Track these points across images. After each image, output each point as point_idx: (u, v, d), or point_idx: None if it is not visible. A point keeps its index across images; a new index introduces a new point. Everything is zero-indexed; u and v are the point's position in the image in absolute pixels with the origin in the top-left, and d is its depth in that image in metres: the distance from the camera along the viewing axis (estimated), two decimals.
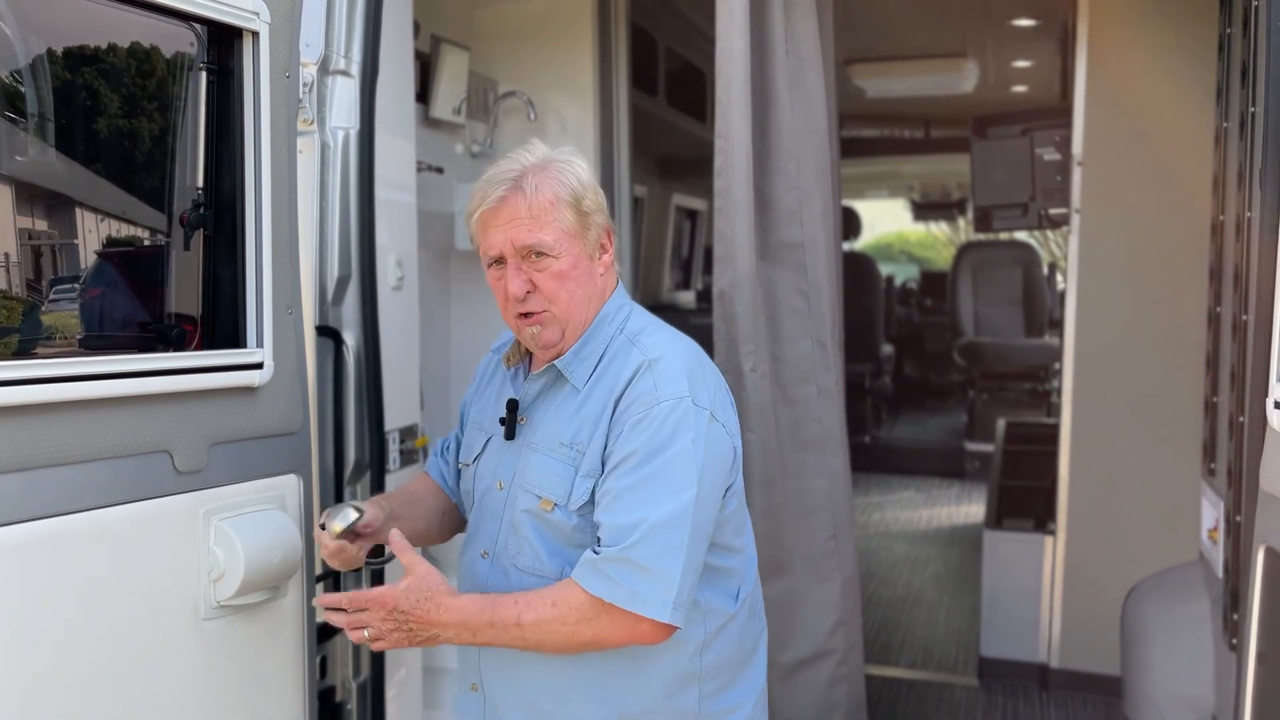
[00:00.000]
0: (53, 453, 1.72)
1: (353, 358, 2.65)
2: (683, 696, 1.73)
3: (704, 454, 1.63)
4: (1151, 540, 3.66)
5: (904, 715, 3.68)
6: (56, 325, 1.96)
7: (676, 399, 1.63)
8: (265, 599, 2.11)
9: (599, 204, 1.74)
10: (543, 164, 1.71)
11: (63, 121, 1.90)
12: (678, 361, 1.68)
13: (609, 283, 1.79)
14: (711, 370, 1.75)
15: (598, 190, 1.74)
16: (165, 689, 1.91)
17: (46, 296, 1.94)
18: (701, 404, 1.65)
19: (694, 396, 1.64)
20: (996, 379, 8.24)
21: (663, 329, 1.78)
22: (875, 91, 6.34)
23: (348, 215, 2.64)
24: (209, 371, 2.00)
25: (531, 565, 1.75)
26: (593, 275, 1.75)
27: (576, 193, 1.70)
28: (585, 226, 1.71)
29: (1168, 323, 3.63)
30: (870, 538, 6.08)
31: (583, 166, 1.73)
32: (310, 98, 2.57)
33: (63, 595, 1.72)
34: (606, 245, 1.76)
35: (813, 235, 2.99)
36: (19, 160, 1.87)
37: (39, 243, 1.95)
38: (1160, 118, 3.60)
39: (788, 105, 2.93)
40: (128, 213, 2.12)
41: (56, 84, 1.85)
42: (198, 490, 1.97)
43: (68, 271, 2.02)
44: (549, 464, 1.72)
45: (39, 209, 1.93)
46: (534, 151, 1.74)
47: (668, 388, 1.64)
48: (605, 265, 1.77)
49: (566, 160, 1.72)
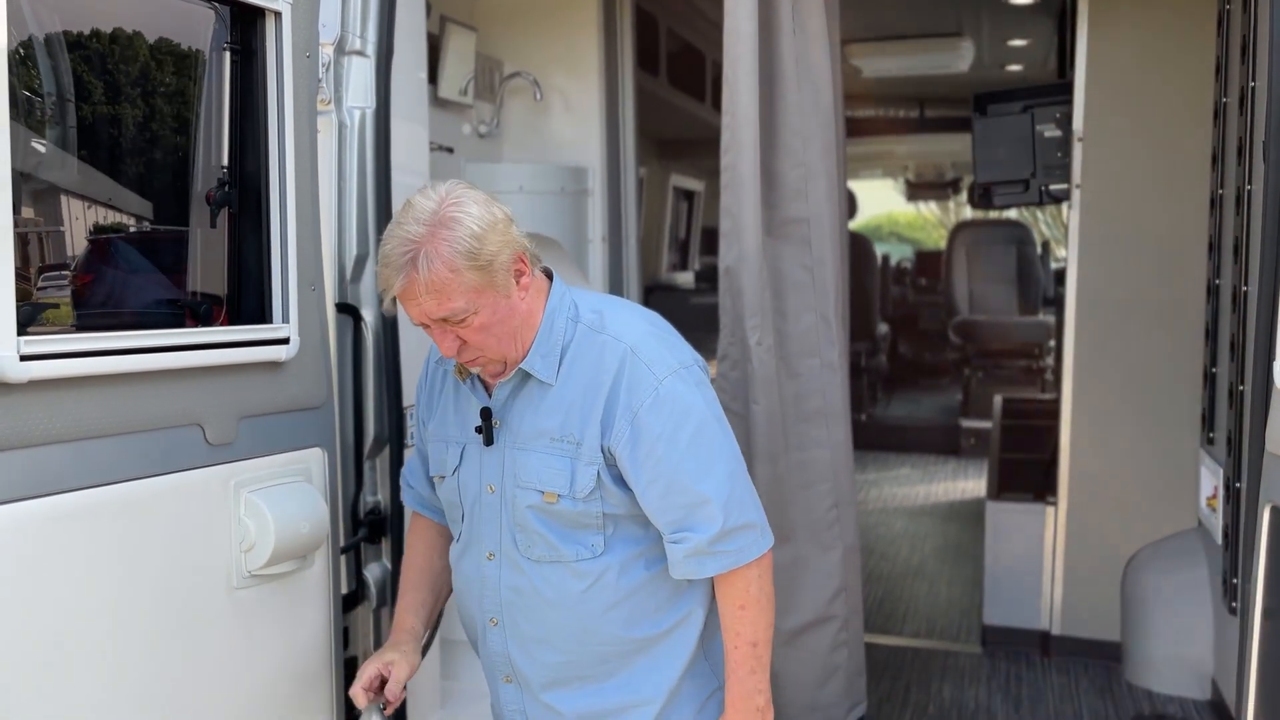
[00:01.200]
0: (91, 425, 1.75)
1: (371, 334, 2.69)
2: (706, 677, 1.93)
3: (713, 404, 1.80)
4: (1151, 509, 3.73)
5: (909, 681, 3.75)
6: (89, 302, 1.99)
7: (670, 371, 1.74)
8: (293, 569, 2.15)
9: (500, 242, 1.68)
10: (431, 231, 1.65)
11: (88, 102, 1.92)
12: (651, 338, 1.79)
13: (536, 294, 1.79)
14: (665, 324, 1.89)
15: (495, 227, 1.68)
16: (200, 656, 1.96)
17: (77, 274, 1.97)
18: (686, 362, 1.79)
19: (680, 362, 1.77)
20: (991, 356, 8.31)
21: (614, 306, 1.86)
22: (871, 71, 6.36)
23: (365, 194, 2.67)
24: (238, 346, 2.04)
25: (546, 554, 1.83)
26: (514, 310, 1.74)
27: (472, 250, 1.65)
28: (490, 276, 1.68)
29: (1166, 295, 3.68)
30: (869, 513, 6.15)
31: (471, 212, 1.66)
32: (327, 78, 2.60)
33: (102, 564, 1.76)
34: (522, 269, 1.74)
35: (818, 211, 3.03)
36: (47, 142, 1.90)
37: (68, 223, 1.98)
38: (1160, 93, 3.64)
39: (794, 83, 2.97)
40: (155, 192, 2.15)
41: (81, 65, 1.87)
42: (228, 463, 2.01)
43: (96, 250, 2.05)
44: (543, 459, 1.79)
45: (70, 190, 1.95)
46: (419, 218, 1.67)
47: (659, 366, 1.74)
48: (525, 288, 1.75)
49: (453, 216, 1.66)
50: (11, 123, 1.60)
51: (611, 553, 1.81)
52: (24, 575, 1.64)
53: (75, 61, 1.86)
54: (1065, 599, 3.88)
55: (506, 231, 1.71)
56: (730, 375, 3.06)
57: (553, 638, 1.87)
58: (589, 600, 1.83)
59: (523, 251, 1.75)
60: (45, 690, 1.68)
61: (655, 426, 1.73)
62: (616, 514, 1.80)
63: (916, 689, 3.68)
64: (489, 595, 1.92)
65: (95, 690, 1.76)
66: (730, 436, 1.82)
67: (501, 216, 1.71)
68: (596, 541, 1.80)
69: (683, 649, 1.87)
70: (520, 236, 1.75)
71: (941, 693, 3.66)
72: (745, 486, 1.81)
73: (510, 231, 1.72)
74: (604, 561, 1.81)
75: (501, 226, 1.70)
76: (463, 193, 1.70)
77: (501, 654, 1.95)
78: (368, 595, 2.74)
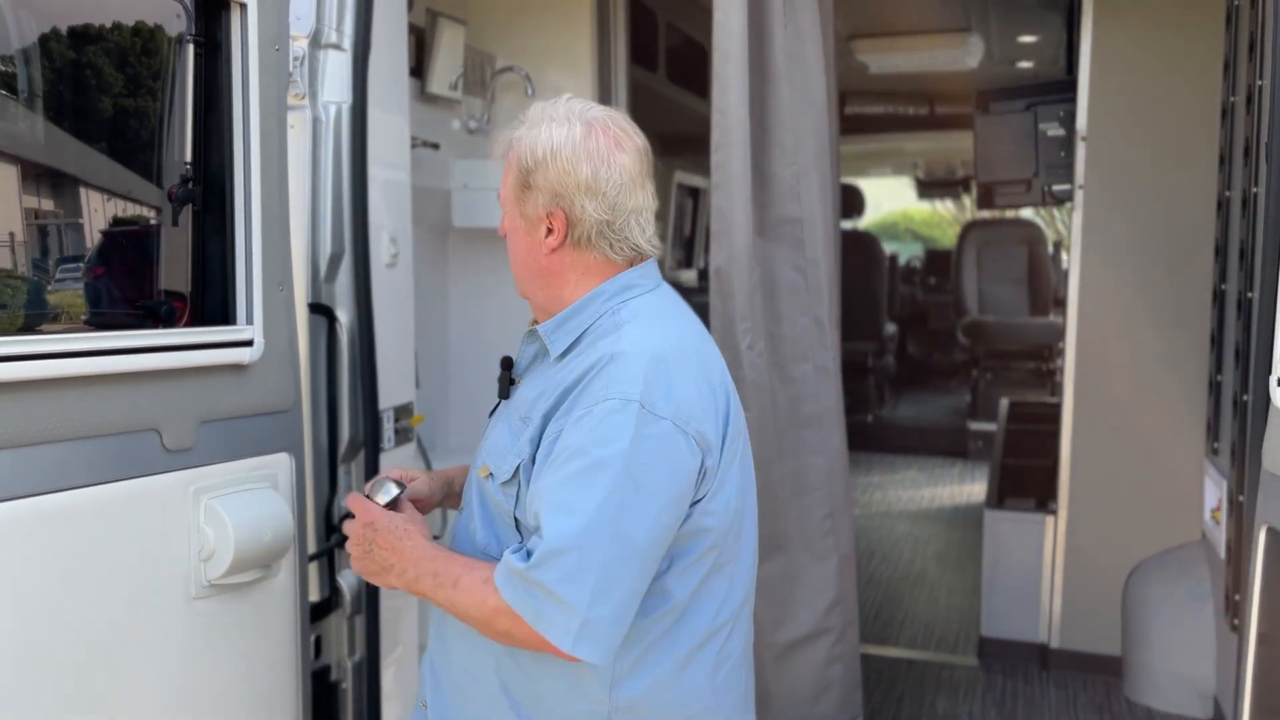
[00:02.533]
0: (38, 430, 1.70)
1: (346, 335, 2.63)
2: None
3: (644, 465, 1.45)
4: (1153, 520, 3.64)
5: (903, 694, 3.67)
6: (43, 302, 1.94)
7: (624, 400, 1.46)
8: (257, 578, 2.09)
9: (549, 184, 1.57)
10: (535, 122, 1.60)
11: (49, 95, 1.87)
12: (644, 359, 1.50)
13: (572, 265, 1.62)
14: (694, 375, 1.55)
15: (561, 169, 1.56)
16: (156, 668, 1.90)
17: (32, 272, 1.92)
18: (657, 410, 1.47)
19: (646, 400, 1.46)
20: (1000, 358, 8.21)
21: (659, 321, 1.59)
22: (878, 67, 6.28)
23: (340, 191, 2.61)
24: (197, 349, 1.98)
25: (472, 531, 1.68)
26: (532, 251, 1.63)
27: (526, 163, 1.58)
28: (523, 199, 1.60)
29: (1171, 300, 3.59)
30: (872, 517, 6.07)
31: (554, 135, 1.56)
32: (301, 72, 2.54)
33: (51, 573, 1.71)
34: (555, 228, 1.59)
35: (811, 211, 2.95)
36: (5, 135, 1.84)
37: (24, 219, 1.93)
38: (1166, 92, 3.55)
39: (786, 80, 2.89)
40: (115, 188, 2.10)
41: (42, 57, 1.82)
42: (187, 468, 1.96)
43: (54, 248, 1.99)
44: (502, 432, 1.65)
45: (25, 185, 1.90)
46: (548, 106, 1.62)
47: (619, 386, 1.48)
48: (549, 247, 1.60)
49: (550, 124, 1.58)
50: None
51: None
52: None
53: (35, 54, 1.80)
54: (1065, 611, 3.80)
55: (566, 185, 1.56)
56: None
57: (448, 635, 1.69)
58: None
59: (564, 215, 1.58)
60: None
61: (569, 439, 1.48)
62: (529, 528, 1.54)
63: (910, 702, 3.61)
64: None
65: (45, 705, 1.70)
66: (637, 512, 1.45)
67: (585, 175, 1.55)
68: (509, 541, 1.58)
69: None
70: (588, 210, 1.57)
71: (935, 706, 3.58)
72: (595, 567, 1.43)
73: (570, 190, 1.56)
74: None
75: (567, 180, 1.55)
76: (582, 120, 1.58)
77: (425, 676, 1.79)
78: (341, 603, 2.68)
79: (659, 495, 1.47)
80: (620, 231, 1.60)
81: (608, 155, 1.57)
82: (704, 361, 1.60)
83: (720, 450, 1.56)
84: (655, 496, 1.47)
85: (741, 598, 1.67)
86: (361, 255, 2.63)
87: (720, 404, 1.58)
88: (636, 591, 1.48)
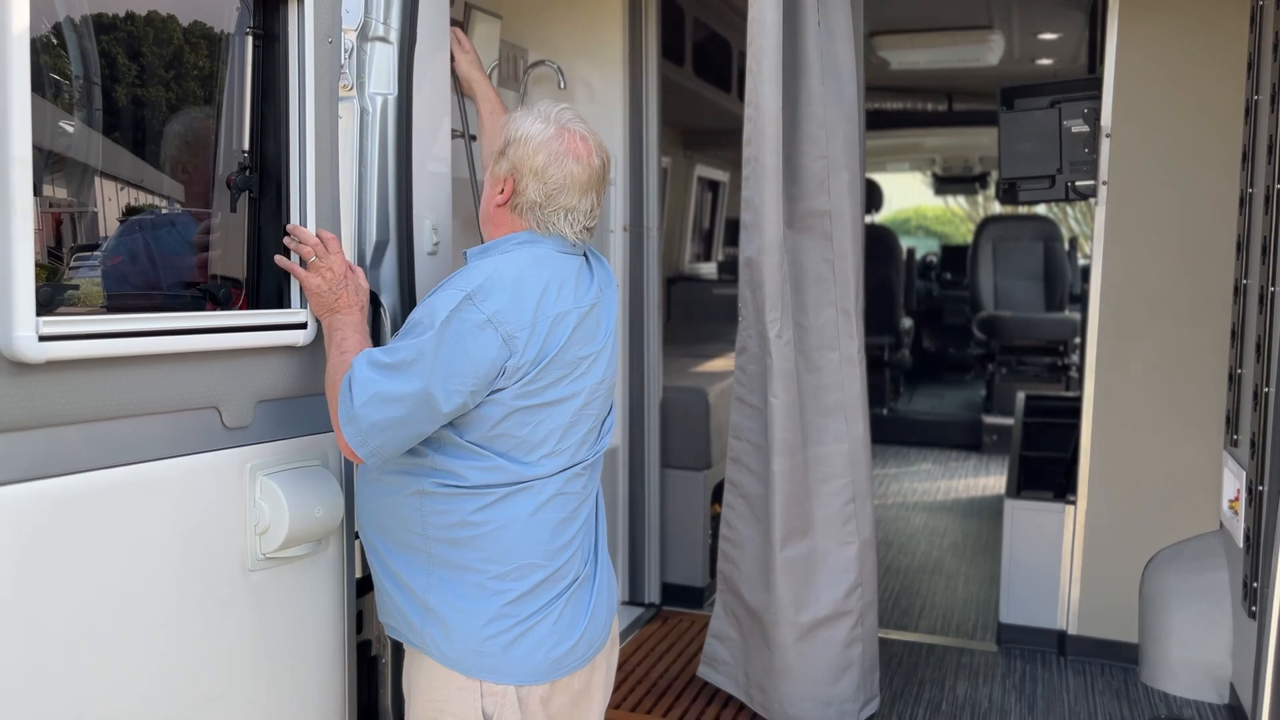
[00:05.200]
0: (108, 406, 1.77)
1: (390, 321, 2.69)
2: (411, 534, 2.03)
3: (450, 339, 1.86)
4: (1172, 510, 3.69)
5: (923, 678, 3.73)
6: (109, 284, 2.01)
7: (457, 290, 1.89)
8: (308, 553, 2.17)
9: (514, 161, 2.01)
10: (528, 110, 2.08)
11: (113, 86, 1.94)
12: (487, 272, 1.93)
13: (505, 220, 2.06)
14: (526, 297, 1.93)
15: (529, 150, 1.99)
16: (213, 637, 1.98)
17: (98, 257, 1.99)
18: (481, 306, 1.88)
19: (475, 295, 1.88)
20: (1015, 353, 8.23)
21: (525, 258, 2.00)
22: (899, 64, 6.30)
23: (386, 180, 2.67)
24: (255, 330, 2.05)
25: None
26: (489, 199, 2.08)
27: (508, 137, 2.03)
28: (498, 161, 2.04)
29: (1192, 295, 3.63)
30: (888, 508, 6.12)
31: (527, 124, 2.02)
32: (350, 64, 2.60)
33: (116, 544, 1.78)
34: (505, 190, 2.03)
35: (840, 205, 3.01)
36: (72, 124, 1.91)
37: (90, 205, 2.00)
38: (1191, 89, 3.58)
39: (818, 75, 2.95)
40: (178, 176, 2.17)
41: (106, 49, 1.89)
42: (244, 446, 2.03)
43: (118, 233, 2.06)
44: None
45: (93, 173, 1.97)
46: (542, 104, 2.09)
47: (459, 281, 1.92)
48: (497, 202, 2.04)
49: (531, 117, 2.04)
50: (36, 104, 1.61)
51: None
52: (39, 554, 1.66)
53: (100, 45, 1.87)
54: (1083, 599, 3.85)
55: (522, 164, 2.00)
56: (749, 369, 3.05)
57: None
58: None
59: (514, 183, 2.01)
60: (59, 669, 1.70)
61: (419, 309, 1.97)
62: None
63: (931, 686, 3.67)
64: None
65: (108, 669, 1.78)
66: (434, 370, 1.87)
67: (538, 164, 1.99)
68: None
69: None
70: (530, 188, 2.00)
71: (955, 690, 3.64)
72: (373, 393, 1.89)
73: (523, 168, 2.00)
74: None
75: (524, 161, 2.00)
76: (557, 124, 2.02)
77: None
78: None
79: (454, 365, 1.87)
80: (548, 217, 2.02)
81: (561, 158, 2.00)
82: (541, 296, 1.96)
83: (534, 365, 1.94)
84: (450, 364, 1.87)
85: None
86: (406, 243, 2.69)
87: (542, 330, 1.95)
88: (407, 420, 1.90)
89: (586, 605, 2.11)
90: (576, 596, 2.09)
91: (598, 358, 2.08)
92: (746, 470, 3.09)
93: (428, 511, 2.00)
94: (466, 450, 1.97)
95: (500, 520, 1.99)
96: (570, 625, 2.07)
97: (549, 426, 2.00)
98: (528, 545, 2.01)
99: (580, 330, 2.02)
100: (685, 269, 7.32)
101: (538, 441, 1.99)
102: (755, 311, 2.93)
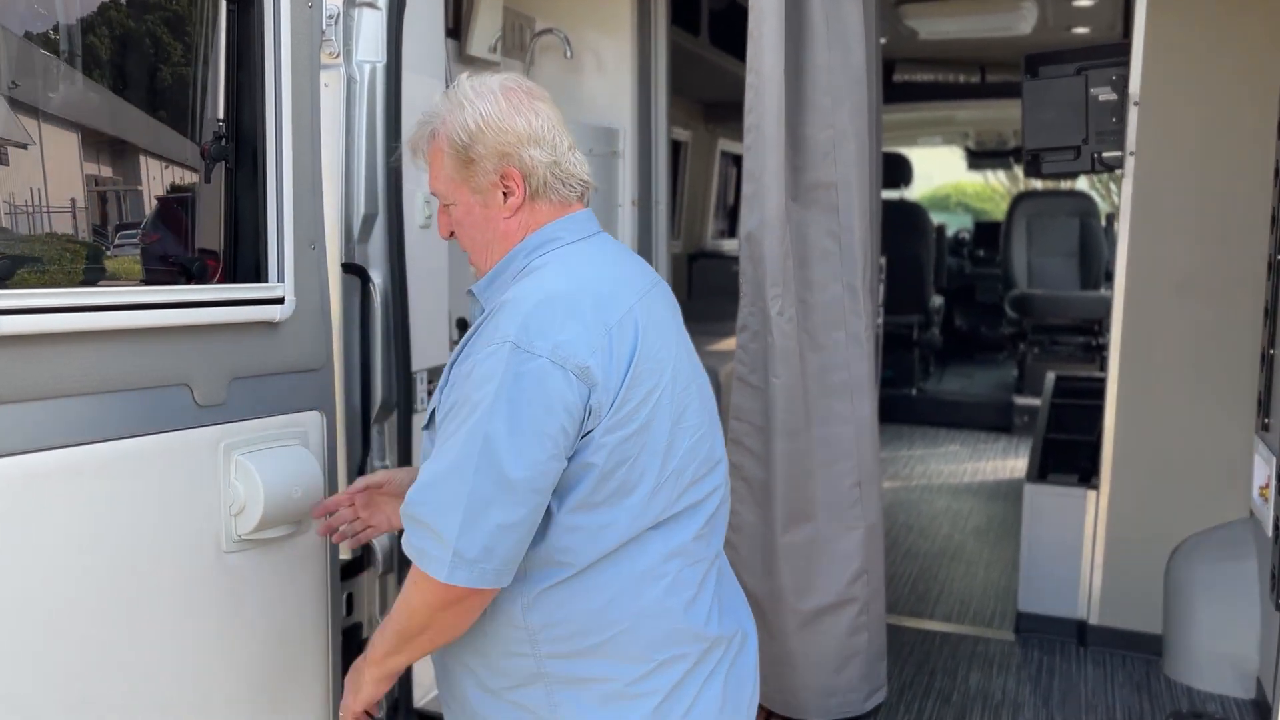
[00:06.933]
0: (71, 382, 1.72)
1: (379, 296, 2.63)
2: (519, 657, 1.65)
3: (515, 402, 1.49)
4: (1199, 496, 3.55)
5: (935, 667, 3.63)
6: (77, 256, 1.96)
7: (500, 343, 1.52)
8: (287, 534, 2.12)
9: (492, 148, 1.64)
10: (449, 109, 1.68)
11: (84, 52, 1.88)
12: (529, 302, 1.56)
13: (525, 222, 1.69)
14: (584, 314, 1.57)
15: (498, 131, 1.64)
16: (187, 620, 1.93)
17: (66, 227, 1.94)
18: (534, 349, 1.51)
19: (522, 340, 1.51)
20: (1048, 332, 8.05)
21: (563, 267, 1.65)
22: (928, 33, 6.13)
23: (374, 151, 2.60)
24: (229, 305, 1.99)
25: None
26: (489, 222, 1.69)
27: (460, 142, 1.65)
28: (469, 175, 1.67)
29: (1224, 272, 3.48)
30: (911, 490, 6.01)
31: (480, 108, 1.65)
32: (336, 30, 2.53)
33: (83, 525, 1.74)
34: (511, 188, 1.67)
35: (846, 176, 2.90)
36: (42, 92, 1.86)
37: (59, 175, 1.94)
38: (1224, 56, 3.42)
39: (824, 40, 2.83)
40: (149, 144, 2.11)
41: (77, 13, 1.83)
42: (218, 424, 1.97)
43: (87, 203, 2.01)
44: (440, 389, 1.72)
45: (60, 141, 1.92)
46: (455, 92, 1.70)
47: (498, 331, 1.54)
48: (511, 209, 1.67)
49: (466, 101, 1.66)
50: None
51: None
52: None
53: (71, 9, 1.81)
54: (1105, 588, 3.72)
55: (509, 143, 1.65)
56: (749, 347, 2.96)
57: None
58: None
59: (517, 170, 1.66)
60: (24, 656, 1.65)
61: (459, 390, 1.56)
62: None
63: (942, 676, 3.57)
64: None
65: (76, 656, 1.73)
66: (509, 447, 1.49)
67: (522, 128, 1.65)
68: None
69: None
70: (535, 157, 1.65)
71: (968, 680, 3.54)
72: (464, 495, 1.49)
73: (513, 145, 1.65)
74: None
75: (508, 137, 1.64)
76: (496, 86, 1.68)
77: None
78: (373, 561, 2.71)
79: (533, 428, 1.51)
80: (566, 169, 1.68)
81: (530, 105, 1.67)
82: (601, 302, 1.60)
83: (618, 389, 1.57)
84: (528, 430, 1.50)
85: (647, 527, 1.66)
86: (395, 216, 2.63)
87: (618, 344, 1.58)
88: (515, 522, 1.52)
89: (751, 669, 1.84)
90: (738, 661, 1.79)
91: (671, 343, 1.70)
92: (747, 452, 3.00)
93: (535, 628, 1.62)
94: (568, 524, 1.59)
95: (626, 616, 1.62)
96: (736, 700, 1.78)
97: (648, 455, 1.62)
98: (664, 631, 1.65)
99: (649, 314, 1.66)
100: (708, 245, 7.21)
101: (637, 478, 1.60)
102: (756, 287, 2.83)
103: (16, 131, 1.84)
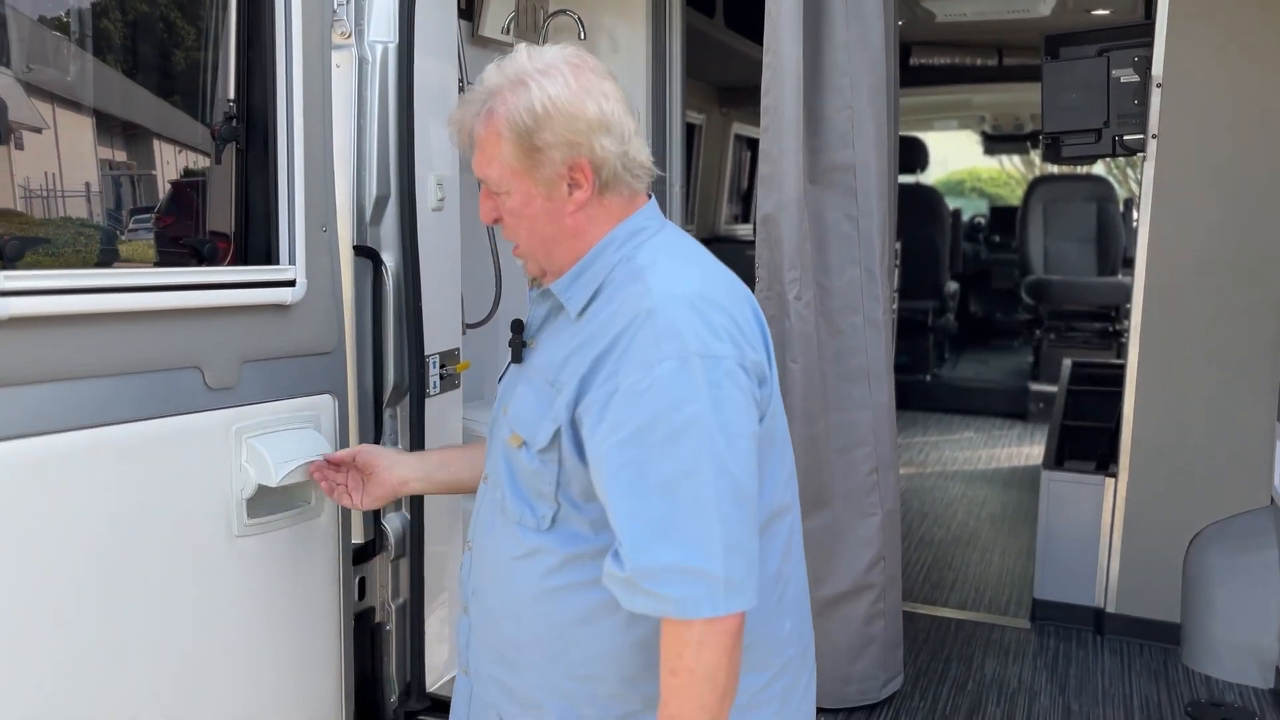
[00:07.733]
0: (82, 364, 1.71)
1: (391, 279, 2.61)
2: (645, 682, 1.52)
3: (726, 412, 1.40)
4: (1219, 484, 3.51)
5: (949, 655, 3.61)
6: (88, 238, 1.95)
7: (681, 358, 1.39)
8: (298, 519, 2.11)
9: (560, 137, 1.46)
10: (509, 86, 1.48)
11: (95, 35, 1.87)
12: (682, 306, 1.42)
13: (594, 217, 1.54)
14: (735, 307, 1.49)
15: (567, 118, 1.46)
16: (198, 603, 1.92)
17: (80, 210, 1.93)
18: (718, 354, 1.41)
19: (702, 349, 1.40)
20: (1064, 318, 7.98)
21: (680, 261, 1.53)
22: (945, 15, 6.05)
23: (386, 133, 2.58)
24: (239, 287, 1.98)
25: (503, 501, 1.59)
26: (553, 216, 1.52)
27: (524, 127, 1.46)
28: (533, 165, 1.48)
29: (1247, 256, 3.43)
30: (926, 477, 5.97)
31: (549, 89, 1.46)
32: (348, 10, 2.50)
33: (93, 507, 1.73)
34: (580, 181, 1.50)
35: (865, 158, 2.86)
36: (51, 74, 1.84)
37: (72, 158, 1.93)
38: (1250, 35, 3.35)
39: (842, 20, 2.79)
40: (160, 127, 2.09)
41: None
42: (229, 407, 1.96)
43: (99, 185, 2.00)
44: (530, 397, 1.55)
45: (73, 125, 1.91)
46: (510, 67, 1.50)
47: (669, 344, 1.39)
48: (578, 204, 1.51)
49: (531, 81, 1.47)
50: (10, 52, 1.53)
51: (557, 535, 1.52)
52: (8, 518, 1.60)
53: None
54: (1122, 575, 3.69)
55: (579, 131, 1.46)
56: None
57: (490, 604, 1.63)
58: (519, 574, 1.56)
59: (588, 163, 1.48)
60: (32, 641, 1.65)
61: (629, 417, 1.39)
62: (571, 494, 1.50)
63: (957, 663, 3.54)
64: (476, 524, 1.70)
65: (86, 640, 1.73)
66: (735, 458, 1.40)
67: (593, 114, 1.46)
68: (546, 513, 1.52)
69: None
70: (606, 148, 1.48)
71: (983, 668, 3.51)
72: (715, 521, 1.38)
73: (584, 133, 1.47)
74: (545, 539, 1.53)
75: (578, 124, 1.46)
76: (562, 64, 1.49)
77: (463, 636, 1.74)
78: (386, 545, 2.70)
79: (744, 432, 1.43)
80: (634, 157, 1.52)
81: (599, 87, 1.49)
82: (735, 290, 1.53)
83: (769, 373, 1.52)
84: (742, 434, 1.42)
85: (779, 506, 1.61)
86: (408, 198, 2.61)
87: (761, 328, 1.55)
88: (754, 528, 1.44)
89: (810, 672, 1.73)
90: (804, 663, 1.69)
91: None
92: None
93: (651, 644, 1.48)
94: None
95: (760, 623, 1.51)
96: None
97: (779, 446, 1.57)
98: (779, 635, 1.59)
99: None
100: (721, 229, 7.17)
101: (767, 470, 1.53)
102: (772, 271, 2.80)
103: (31, 115, 1.83)
